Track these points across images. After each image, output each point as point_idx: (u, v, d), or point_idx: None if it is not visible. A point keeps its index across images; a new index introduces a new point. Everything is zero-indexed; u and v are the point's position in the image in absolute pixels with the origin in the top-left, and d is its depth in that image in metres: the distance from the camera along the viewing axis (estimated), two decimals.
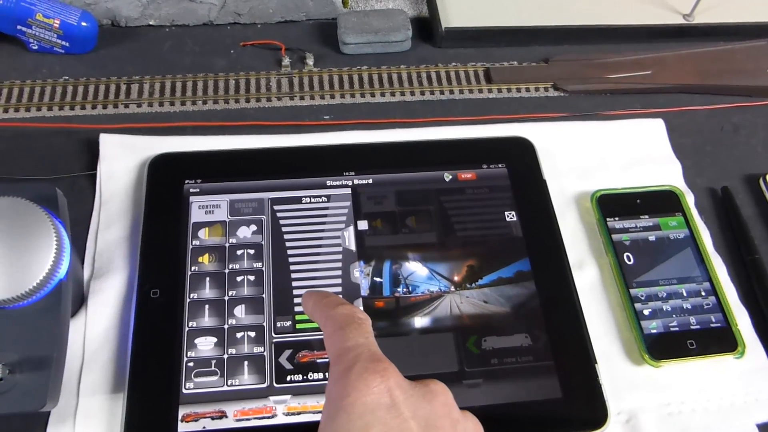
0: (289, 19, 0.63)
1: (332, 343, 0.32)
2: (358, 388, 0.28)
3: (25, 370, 0.37)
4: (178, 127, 0.54)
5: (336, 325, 0.32)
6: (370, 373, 0.29)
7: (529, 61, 0.62)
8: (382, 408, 0.28)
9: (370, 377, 0.29)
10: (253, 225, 0.48)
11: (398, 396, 0.29)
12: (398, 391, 0.29)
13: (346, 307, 0.33)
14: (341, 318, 0.32)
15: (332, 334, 0.32)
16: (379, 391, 0.28)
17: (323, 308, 0.33)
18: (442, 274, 0.47)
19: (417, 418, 0.29)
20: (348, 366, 0.29)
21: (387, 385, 0.29)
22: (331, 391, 0.30)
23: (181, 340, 0.43)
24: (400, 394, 0.29)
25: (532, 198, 0.51)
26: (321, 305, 0.34)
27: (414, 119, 0.57)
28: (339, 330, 0.31)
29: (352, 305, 0.33)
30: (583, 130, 0.57)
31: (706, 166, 0.57)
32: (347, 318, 0.32)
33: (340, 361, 0.30)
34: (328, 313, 0.33)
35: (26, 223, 0.38)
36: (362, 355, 0.30)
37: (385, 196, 0.50)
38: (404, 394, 0.29)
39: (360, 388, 0.28)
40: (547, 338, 0.45)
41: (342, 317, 0.32)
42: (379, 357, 0.30)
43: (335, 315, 0.32)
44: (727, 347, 0.46)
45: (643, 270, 0.49)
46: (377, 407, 0.28)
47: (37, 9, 0.55)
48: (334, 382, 0.30)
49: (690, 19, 0.65)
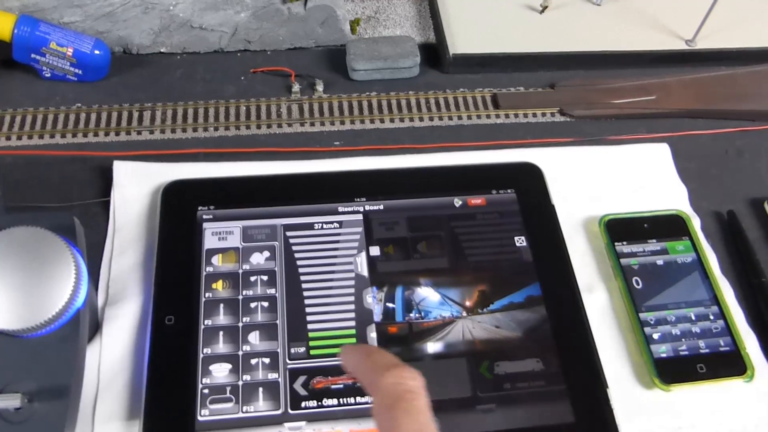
0: (299, 46, 0.64)
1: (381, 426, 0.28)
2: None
3: (42, 399, 0.37)
4: (190, 153, 0.55)
5: (384, 401, 0.28)
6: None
7: (536, 87, 0.63)
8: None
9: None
10: (266, 251, 0.48)
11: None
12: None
13: (393, 374, 0.29)
14: (389, 392, 0.28)
15: (380, 413, 0.28)
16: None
17: (367, 373, 0.30)
18: (453, 299, 0.47)
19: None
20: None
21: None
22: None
23: (196, 366, 0.43)
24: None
25: (541, 223, 0.51)
26: (363, 368, 0.31)
27: (423, 145, 0.58)
28: (389, 410, 0.28)
29: (401, 367, 0.29)
30: (590, 155, 0.58)
31: (711, 190, 0.58)
32: (396, 393, 0.28)
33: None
34: (374, 382, 0.29)
35: (45, 253, 0.38)
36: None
37: (396, 221, 0.50)
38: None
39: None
40: (558, 363, 0.45)
41: (390, 390, 0.28)
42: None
43: (383, 387, 0.29)
44: (736, 371, 0.46)
45: (651, 294, 0.49)
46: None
47: (51, 38, 0.56)
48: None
49: (693, 44, 0.66)
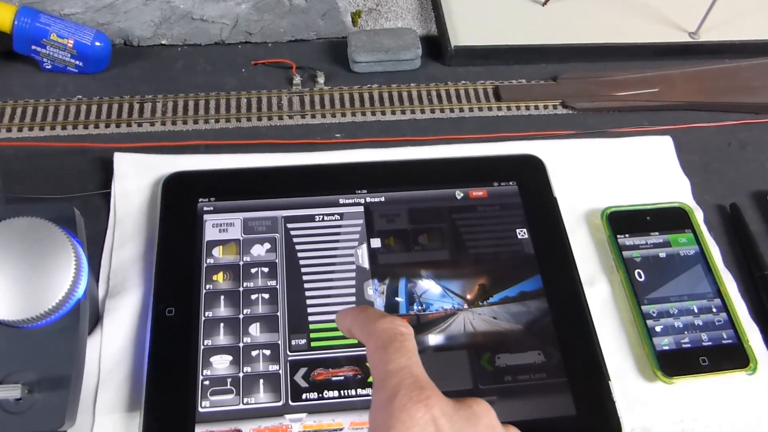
0: (300, 38, 0.64)
1: (375, 364, 0.31)
2: (402, 419, 0.28)
3: (43, 390, 0.37)
4: (190, 145, 0.55)
5: (378, 344, 0.31)
6: (413, 403, 0.28)
7: (538, 79, 0.63)
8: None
9: (413, 408, 0.28)
10: (267, 243, 0.48)
11: (443, 425, 0.28)
12: (443, 419, 0.28)
13: (386, 320, 0.32)
14: (383, 335, 0.31)
15: (374, 354, 0.31)
16: (424, 422, 0.28)
17: (363, 323, 0.32)
18: (455, 291, 0.47)
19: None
20: (391, 395, 0.29)
21: (431, 414, 0.28)
22: (375, 420, 0.29)
23: (197, 358, 0.43)
24: (445, 423, 0.28)
25: (543, 215, 0.51)
26: (360, 320, 0.33)
27: (424, 137, 0.57)
28: (381, 349, 0.30)
29: (392, 317, 0.32)
30: (592, 148, 0.57)
31: (714, 182, 0.58)
32: (389, 335, 0.31)
33: (382, 387, 0.30)
34: (369, 329, 0.32)
35: (45, 244, 0.38)
36: (404, 382, 0.29)
37: (397, 214, 0.50)
38: (449, 422, 0.29)
39: (404, 420, 0.28)
40: (560, 355, 0.45)
41: (383, 333, 0.31)
42: (422, 383, 0.29)
43: (376, 331, 0.31)
44: (739, 364, 0.46)
45: (654, 287, 0.49)
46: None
47: (52, 29, 0.56)
48: (378, 411, 0.29)
49: (696, 37, 0.66)
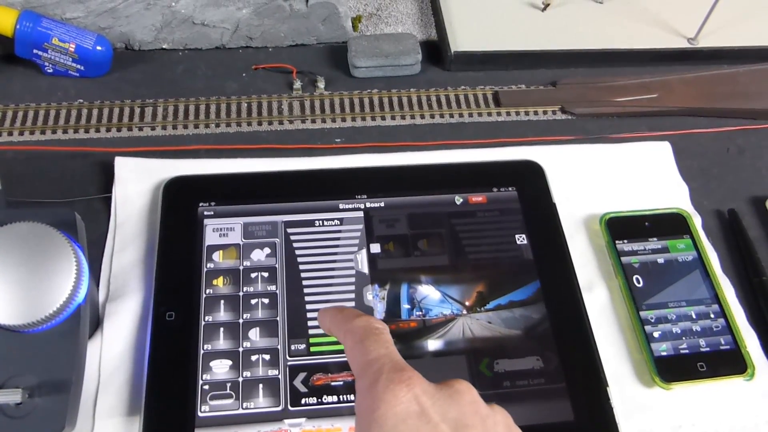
0: (300, 42, 0.64)
1: (354, 358, 0.32)
2: (386, 399, 0.29)
3: (43, 394, 0.37)
4: (191, 150, 0.55)
5: (356, 339, 0.32)
6: (396, 384, 0.29)
7: (537, 85, 0.63)
8: (412, 416, 0.29)
9: (396, 388, 0.29)
10: (267, 248, 0.48)
11: (426, 402, 0.29)
12: (425, 397, 0.29)
13: (362, 318, 0.33)
14: (359, 330, 0.32)
15: (353, 348, 0.32)
16: (408, 400, 0.29)
17: (340, 323, 0.34)
18: (454, 297, 0.47)
19: (447, 420, 0.29)
20: (373, 379, 0.30)
21: (414, 393, 0.29)
22: (360, 405, 0.30)
23: (196, 362, 0.44)
24: (427, 400, 0.29)
25: (542, 221, 0.51)
26: (338, 320, 0.34)
27: (424, 142, 0.57)
28: (359, 344, 0.32)
29: (367, 315, 0.34)
30: (591, 153, 0.57)
31: (712, 188, 0.58)
32: (365, 330, 0.32)
33: (364, 375, 0.31)
34: (346, 327, 0.33)
35: (46, 248, 0.38)
36: (385, 366, 0.30)
37: (397, 219, 0.50)
38: (431, 399, 0.29)
39: (388, 400, 0.29)
40: (558, 361, 0.45)
41: (360, 329, 0.32)
42: (402, 366, 0.30)
43: (353, 328, 0.33)
44: (736, 369, 0.46)
45: (652, 292, 0.49)
46: (408, 416, 0.29)
47: (54, 33, 0.56)
48: (362, 397, 0.30)
49: (694, 43, 0.66)
